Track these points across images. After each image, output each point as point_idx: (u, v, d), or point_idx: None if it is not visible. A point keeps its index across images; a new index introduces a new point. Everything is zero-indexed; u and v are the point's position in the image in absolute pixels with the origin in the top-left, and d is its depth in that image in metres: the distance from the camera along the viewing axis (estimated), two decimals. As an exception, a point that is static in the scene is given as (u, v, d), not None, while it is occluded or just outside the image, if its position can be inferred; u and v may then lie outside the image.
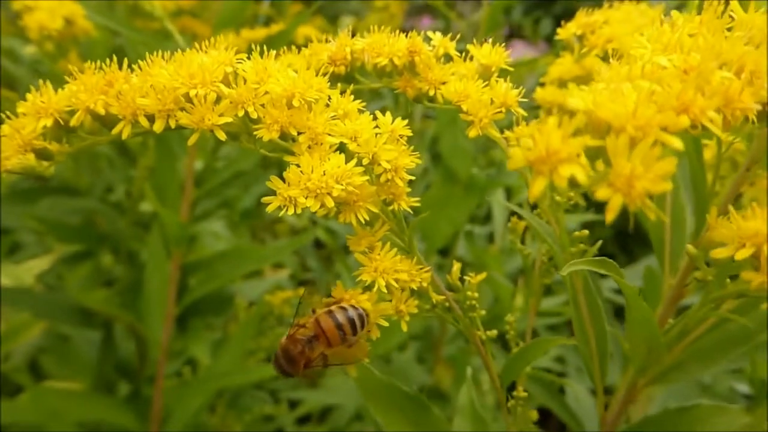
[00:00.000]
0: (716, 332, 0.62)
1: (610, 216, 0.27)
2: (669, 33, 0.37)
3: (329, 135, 0.46)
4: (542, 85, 0.90)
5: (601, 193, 0.28)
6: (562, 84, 0.87)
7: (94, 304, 1.35)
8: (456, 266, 0.64)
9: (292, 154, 0.47)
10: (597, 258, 0.48)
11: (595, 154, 0.30)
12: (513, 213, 1.15)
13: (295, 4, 2.22)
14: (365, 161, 0.46)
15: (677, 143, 0.29)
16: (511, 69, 0.61)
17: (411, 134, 0.49)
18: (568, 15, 0.80)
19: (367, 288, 0.50)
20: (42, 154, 0.46)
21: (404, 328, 0.52)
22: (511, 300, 1.43)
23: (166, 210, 1.18)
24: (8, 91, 1.40)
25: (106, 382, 1.45)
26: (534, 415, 0.76)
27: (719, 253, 0.37)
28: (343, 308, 0.49)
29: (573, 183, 0.28)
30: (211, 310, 1.53)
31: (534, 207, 0.72)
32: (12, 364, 1.51)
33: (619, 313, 0.72)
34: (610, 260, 0.49)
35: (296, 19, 1.89)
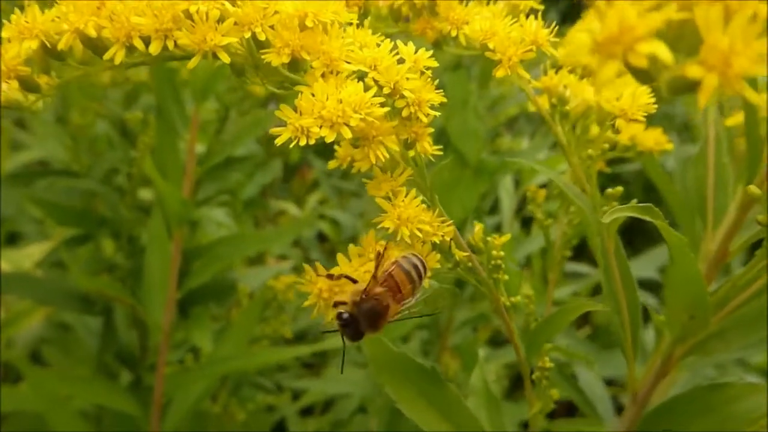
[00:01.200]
0: (760, 299, 0.58)
1: (703, 100, 0.23)
2: None
3: (346, 62, 0.42)
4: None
5: (692, 72, 0.23)
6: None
7: (95, 286, 1.31)
8: (478, 227, 0.60)
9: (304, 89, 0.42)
10: (641, 204, 0.44)
11: (672, 40, 0.25)
12: (522, 202, 1.11)
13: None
14: (386, 90, 0.41)
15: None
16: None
17: (437, 65, 0.44)
18: (574, 11, 0.75)
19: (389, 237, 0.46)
20: (28, 85, 0.42)
21: (426, 284, 0.48)
22: (519, 288, 1.39)
23: (168, 185, 1.14)
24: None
25: (107, 371, 1.42)
26: (555, 393, 0.72)
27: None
28: (407, 257, 0.46)
29: (653, 67, 0.23)
30: (214, 297, 1.49)
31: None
32: (13, 352, 1.48)
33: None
34: (656, 207, 0.45)
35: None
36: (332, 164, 0.52)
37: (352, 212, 2.15)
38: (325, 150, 0.52)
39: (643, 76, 0.25)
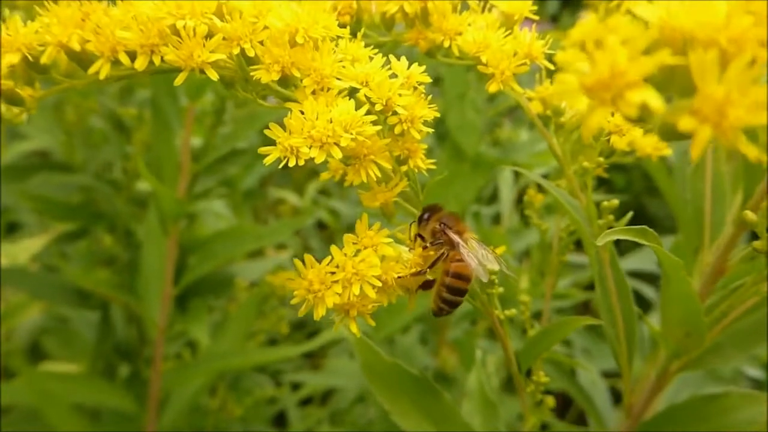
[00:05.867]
0: (757, 313, 0.57)
1: (696, 153, 0.21)
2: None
3: (337, 79, 0.40)
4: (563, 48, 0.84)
5: (684, 124, 0.22)
6: (584, 47, 0.81)
7: (90, 284, 1.31)
8: (473, 238, 0.59)
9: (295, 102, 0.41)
10: (636, 227, 0.43)
11: (663, 82, 0.24)
12: (522, 193, 1.10)
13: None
14: (378, 107, 0.40)
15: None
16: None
17: (430, 81, 0.43)
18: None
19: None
20: (11, 98, 0.41)
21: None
22: (517, 282, 1.39)
23: (162, 186, 1.13)
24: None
25: (105, 363, 1.41)
26: (551, 401, 0.71)
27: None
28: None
29: (644, 113, 0.22)
30: (211, 291, 1.49)
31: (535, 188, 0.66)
32: (12, 345, 1.48)
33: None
34: (650, 229, 0.44)
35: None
36: (325, 176, 0.51)
37: (351, 200, 2.14)
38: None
39: (634, 120, 0.24)
